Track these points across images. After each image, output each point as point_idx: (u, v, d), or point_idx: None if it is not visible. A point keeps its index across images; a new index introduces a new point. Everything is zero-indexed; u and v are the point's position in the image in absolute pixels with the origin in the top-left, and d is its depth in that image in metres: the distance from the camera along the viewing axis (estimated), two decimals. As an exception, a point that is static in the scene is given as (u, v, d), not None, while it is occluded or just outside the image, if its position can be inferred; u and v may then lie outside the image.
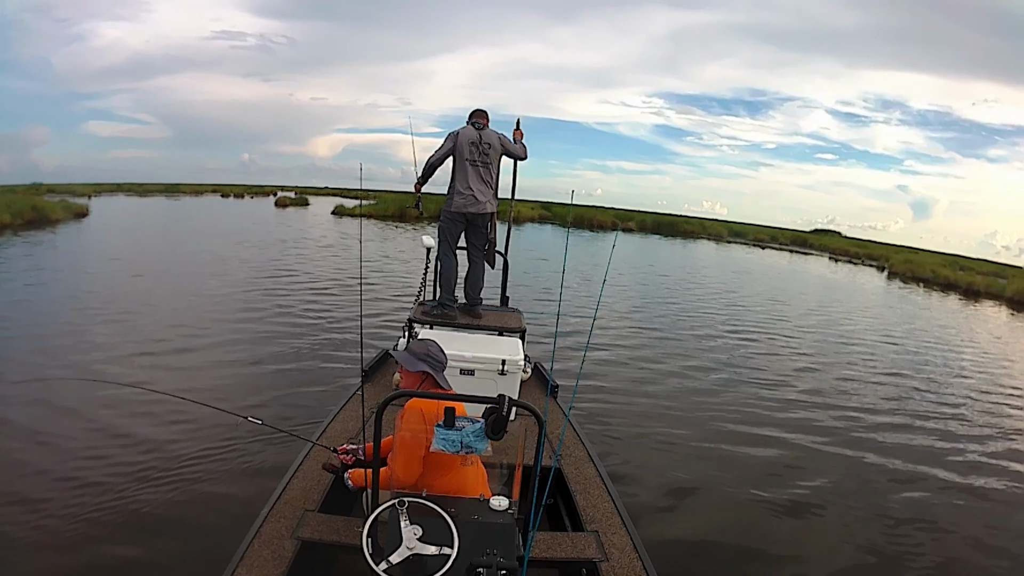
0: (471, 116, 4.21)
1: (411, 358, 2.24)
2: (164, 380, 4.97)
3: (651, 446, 4.61)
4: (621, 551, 2.30)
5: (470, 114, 4.23)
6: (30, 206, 17.08)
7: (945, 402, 6.64)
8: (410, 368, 2.23)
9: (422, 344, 2.30)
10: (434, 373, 2.23)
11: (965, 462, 4.92)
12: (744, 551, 3.33)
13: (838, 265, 28.78)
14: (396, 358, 2.31)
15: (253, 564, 2.03)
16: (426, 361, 2.23)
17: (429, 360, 2.24)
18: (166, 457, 3.71)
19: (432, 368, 2.23)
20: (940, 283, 21.95)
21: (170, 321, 6.98)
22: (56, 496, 3.19)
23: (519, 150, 4.36)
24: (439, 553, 1.62)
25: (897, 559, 3.41)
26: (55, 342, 5.89)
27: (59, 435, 3.91)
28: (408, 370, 2.25)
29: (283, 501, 2.43)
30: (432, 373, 2.23)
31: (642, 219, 38.47)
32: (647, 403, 5.57)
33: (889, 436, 5.34)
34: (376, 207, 26.88)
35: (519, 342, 3.79)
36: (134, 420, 4.18)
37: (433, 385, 2.24)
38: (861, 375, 7.48)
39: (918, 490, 4.32)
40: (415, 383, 2.25)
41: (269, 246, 15.13)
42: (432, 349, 2.27)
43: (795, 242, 39.73)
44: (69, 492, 3.24)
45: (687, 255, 25.43)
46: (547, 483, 1.88)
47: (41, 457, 3.62)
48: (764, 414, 5.59)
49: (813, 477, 4.34)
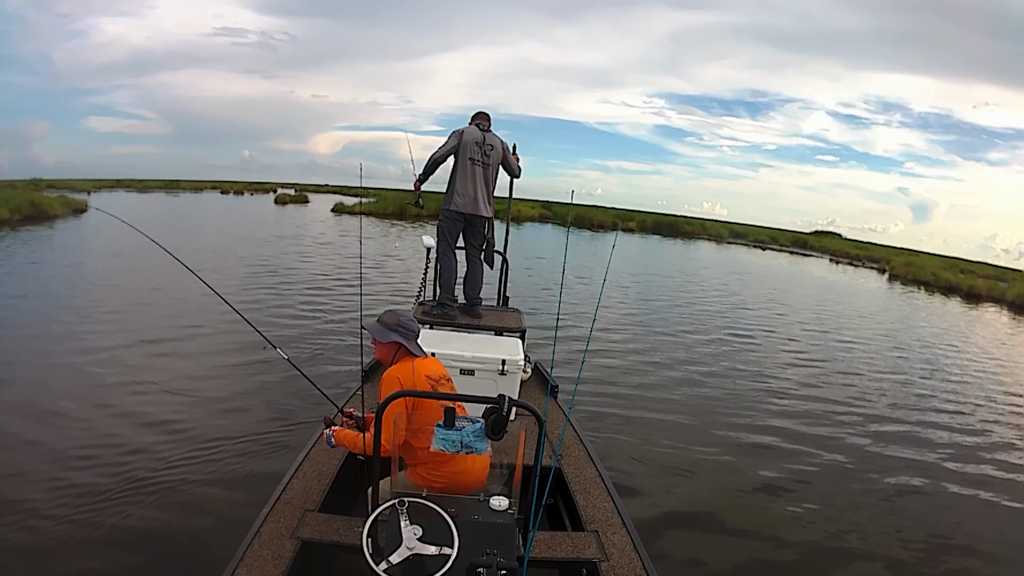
0: (474, 117, 4.21)
1: (383, 329, 2.26)
2: (161, 379, 4.97)
3: (651, 446, 4.61)
4: (621, 551, 2.30)
5: (473, 115, 4.22)
6: (28, 202, 17.03)
7: (947, 406, 6.64)
8: (382, 339, 2.26)
9: (392, 315, 2.31)
10: (406, 342, 2.26)
11: (968, 463, 4.92)
12: (744, 551, 3.33)
13: (838, 267, 28.79)
14: (367, 329, 2.31)
15: (253, 564, 2.03)
16: (398, 331, 2.26)
17: (401, 330, 2.26)
18: (165, 457, 3.70)
19: (404, 338, 2.26)
20: (941, 286, 21.92)
21: (167, 319, 6.96)
22: (55, 495, 3.18)
23: (516, 167, 4.38)
24: (439, 553, 1.62)
25: (898, 559, 3.41)
26: (54, 340, 5.88)
27: (58, 434, 3.90)
28: (380, 341, 2.27)
29: (283, 501, 2.43)
30: (404, 343, 2.26)
31: (642, 219, 38.45)
32: (647, 403, 5.57)
33: (892, 439, 5.34)
34: (376, 205, 26.90)
35: (519, 342, 3.79)
36: (131, 419, 4.18)
37: (406, 354, 2.27)
38: (863, 377, 7.48)
39: (922, 491, 4.33)
40: (388, 354, 2.29)
41: (268, 244, 15.12)
42: (403, 319, 2.28)
43: (795, 243, 39.75)
44: (69, 492, 3.23)
45: (687, 256, 25.43)
46: (547, 483, 1.88)
47: (40, 456, 3.61)
48: (765, 414, 5.59)
49: (814, 477, 4.35)
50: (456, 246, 4.32)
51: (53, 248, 12.75)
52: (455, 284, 4.31)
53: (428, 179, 4.23)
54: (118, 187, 36.81)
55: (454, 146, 4.09)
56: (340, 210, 27.10)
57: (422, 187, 4.28)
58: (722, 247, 32.76)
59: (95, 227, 16.48)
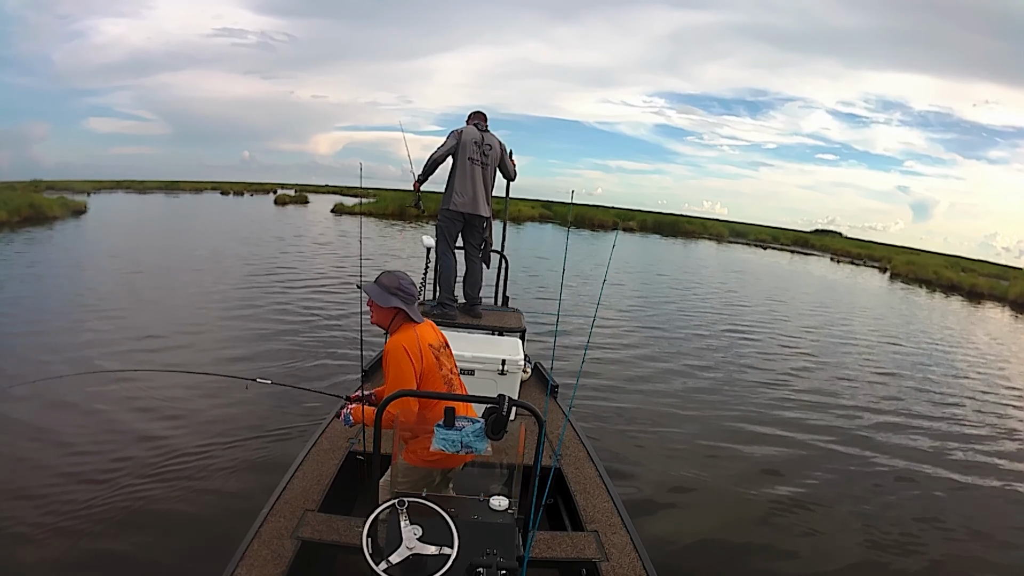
0: (471, 117, 4.20)
1: (383, 292, 2.13)
2: (160, 378, 4.96)
3: (651, 445, 4.61)
4: (621, 551, 2.30)
5: (470, 115, 4.21)
6: (27, 203, 17.01)
7: (948, 402, 6.64)
8: (382, 304, 2.13)
9: (391, 276, 2.16)
10: (407, 308, 2.14)
11: (969, 461, 4.92)
12: (744, 551, 3.33)
13: (840, 266, 28.76)
14: (366, 291, 2.15)
15: (253, 564, 2.03)
16: (398, 295, 2.13)
17: (401, 294, 2.13)
18: (164, 457, 3.70)
19: (404, 303, 2.14)
20: (943, 285, 21.90)
21: (167, 320, 6.97)
22: (53, 494, 3.18)
23: (513, 170, 4.38)
24: (439, 553, 1.62)
25: (897, 558, 3.41)
26: (51, 339, 5.88)
27: (55, 433, 3.89)
28: (380, 305, 2.14)
29: (283, 501, 2.43)
30: (405, 308, 2.14)
31: (643, 219, 38.42)
32: (647, 403, 5.57)
33: (892, 436, 5.34)
34: (376, 205, 26.84)
35: (519, 342, 3.78)
36: (131, 419, 4.18)
37: (405, 319, 2.16)
38: (862, 375, 7.49)
39: (921, 489, 4.33)
40: (386, 318, 2.16)
41: (267, 243, 15.11)
42: (403, 282, 2.15)
43: (796, 243, 39.68)
44: (67, 491, 3.23)
45: (688, 255, 25.40)
46: (547, 483, 1.88)
47: (38, 454, 3.61)
48: (765, 413, 5.59)
49: (814, 476, 4.35)
50: (455, 246, 4.32)
51: (53, 248, 12.73)
52: (455, 284, 4.31)
53: (427, 179, 4.22)
54: (118, 188, 36.82)
55: (453, 146, 4.08)
56: (340, 211, 27.03)
57: (421, 187, 4.27)
58: (723, 247, 32.73)
59: (93, 228, 16.52)
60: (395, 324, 2.17)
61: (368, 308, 2.20)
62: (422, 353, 2.09)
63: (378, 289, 2.14)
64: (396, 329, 2.17)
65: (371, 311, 2.19)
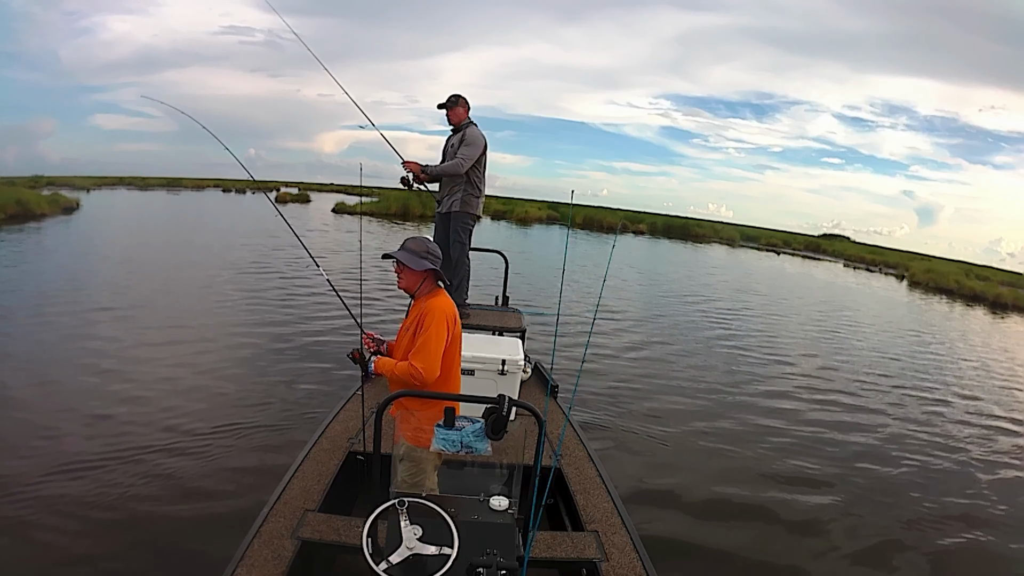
0: (464, 109, 4.08)
1: (413, 256, 2.15)
2: (161, 378, 4.98)
3: (651, 446, 4.60)
4: (621, 551, 2.30)
5: (460, 101, 4.07)
6: (14, 200, 15.80)
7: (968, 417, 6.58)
8: (416, 267, 2.13)
9: (419, 241, 2.20)
10: (439, 269, 2.20)
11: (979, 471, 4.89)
12: (744, 550, 3.32)
13: (854, 272, 27.58)
14: (396, 256, 2.16)
15: (253, 564, 2.04)
16: (428, 258, 2.16)
17: (430, 257, 2.16)
18: (164, 457, 3.70)
19: (435, 264, 2.17)
20: (965, 295, 20.81)
21: (167, 320, 6.95)
22: (54, 494, 3.17)
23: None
24: (439, 553, 1.62)
25: (897, 559, 3.40)
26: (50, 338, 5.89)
27: (55, 433, 3.89)
28: (414, 269, 2.14)
29: (283, 501, 2.43)
30: (439, 269, 2.19)
31: (652, 221, 37.99)
32: (647, 403, 5.56)
33: (892, 439, 5.33)
34: (379, 204, 26.29)
35: (519, 342, 3.79)
36: (130, 419, 4.16)
37: (435, 280, 2.21)
38: (869, 381, 7.43)
39: (923, 489, 4.31)
40: (417, 282, 2.17)
41: (267, 243, 15.01)
42: (430, 245, 2.20)
43: (807, 247, 38.88)
44: (67, 491, 3.23)
45: (698, 260, 24.46)
46: (547, 483, 1.88)
47: (38, 454, 3.60)
48: (764, 413, 5.58)
49: (814, 478, 4.34)
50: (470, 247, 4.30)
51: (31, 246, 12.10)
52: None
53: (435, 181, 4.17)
54: (120, 184, 36.69)
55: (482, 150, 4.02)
56: (341, 210, 26.39)
57: (421, 187, 4.21)
58: (733, 251, 31.68)
59: (82, 227, 15.84)
60: (424, 287, 2.19)
61: (396, 273, 2.20)
62: (455, 322, 2.18)
63: (408, 254, 2.16)
64: (426, 293, 2.20)
65: (400, 277, 2.20)
